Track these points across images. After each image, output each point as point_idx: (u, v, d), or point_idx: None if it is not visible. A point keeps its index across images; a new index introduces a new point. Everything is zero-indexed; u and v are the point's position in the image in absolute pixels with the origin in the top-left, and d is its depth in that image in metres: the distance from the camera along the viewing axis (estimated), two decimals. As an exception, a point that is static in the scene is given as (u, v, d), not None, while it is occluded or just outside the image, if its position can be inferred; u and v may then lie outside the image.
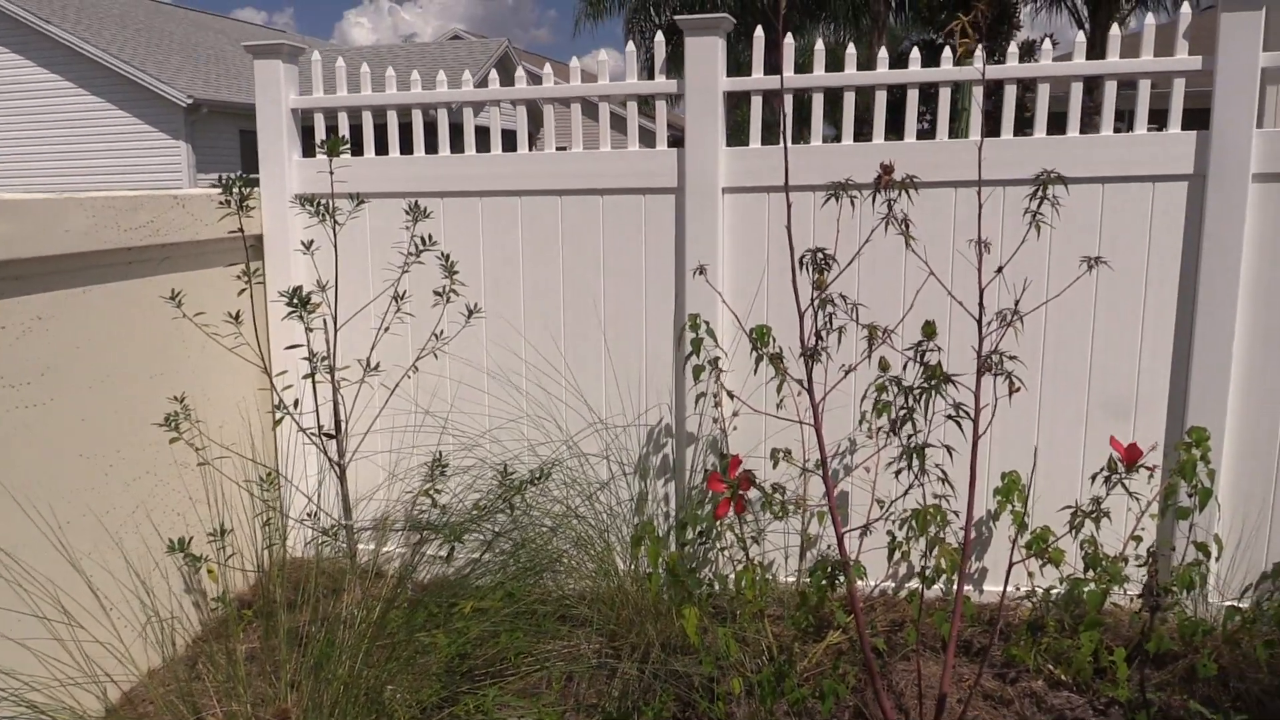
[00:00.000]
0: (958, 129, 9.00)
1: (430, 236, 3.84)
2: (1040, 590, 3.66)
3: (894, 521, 3.63)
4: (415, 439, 4.35)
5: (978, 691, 3.49)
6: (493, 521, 3.86)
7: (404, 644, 3.27)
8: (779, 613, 3.78)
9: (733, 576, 3.72)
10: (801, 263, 2.66)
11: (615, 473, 4.20)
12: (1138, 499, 2.82)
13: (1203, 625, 3.35)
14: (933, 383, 2.60)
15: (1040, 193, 2.85)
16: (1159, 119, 3.87)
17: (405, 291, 4.10)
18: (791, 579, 3.98)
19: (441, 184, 4.28)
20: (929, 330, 2.83)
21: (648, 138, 4.29)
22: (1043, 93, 3.82)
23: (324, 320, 3.78)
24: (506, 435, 4.32)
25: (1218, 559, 3.64)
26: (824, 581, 3.16)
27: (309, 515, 4.12)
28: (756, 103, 4.07)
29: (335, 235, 3.79)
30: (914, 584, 3.85)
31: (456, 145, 4.38)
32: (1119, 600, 3.72)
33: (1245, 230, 3.62)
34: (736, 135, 4.10)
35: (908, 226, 2.88)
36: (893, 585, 4.02)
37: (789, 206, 2.90)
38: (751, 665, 3.44)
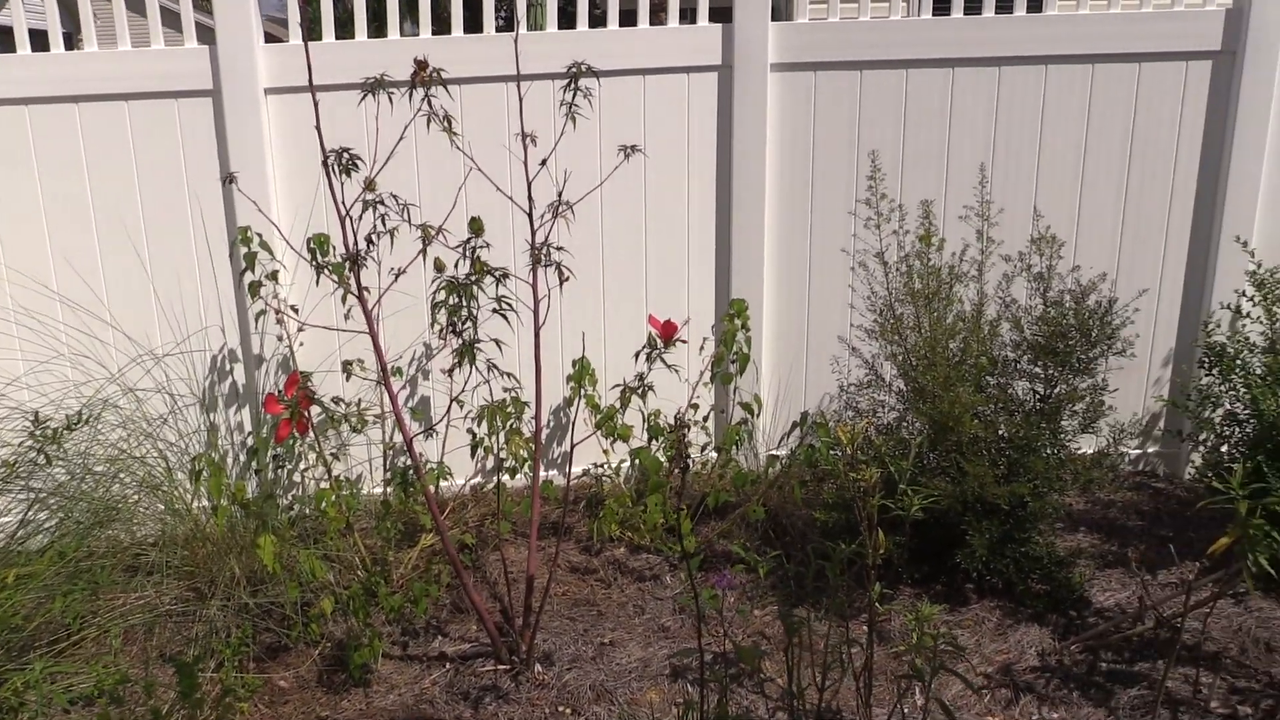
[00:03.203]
0: (533, 22, 9.05)
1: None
2: (613, 465, 3.89)
3: (474, 420, 3.67)
4: (-78, 395, 3.75)
5: (565, 566, 3.68)
6: (41, 477, 3.44)
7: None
8: (372, 525, 3.73)
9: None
10: (326, 164, 2.55)
11: (181, 406, 3.88)
12: (677, 371, 3.05)
13: (751, 475, 3.75)
14: (473, 278, 2.62)
15: (573, 84, 2.91)
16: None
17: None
18: (379, 490, 3.94)
19: (-82, 93, 3.63)
20: (476, 226, 2.84)
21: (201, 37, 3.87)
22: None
23: None
24: (44, 379, 3.84)
25: (759, 415, 4.06)
26: (402, 488, 3.15)
27: None
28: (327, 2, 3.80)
29: None
30: (504, 477, 3.95)
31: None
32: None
33: (767, 116, 3.96)
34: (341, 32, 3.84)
35: (450, 123, 2.84)
36: (482, 480, 4.10)
37: (315, 105, 2.74)
38: (345, 582, 3.38)
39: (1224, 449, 3.68)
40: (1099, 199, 4.05)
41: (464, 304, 2.71)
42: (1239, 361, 3.66)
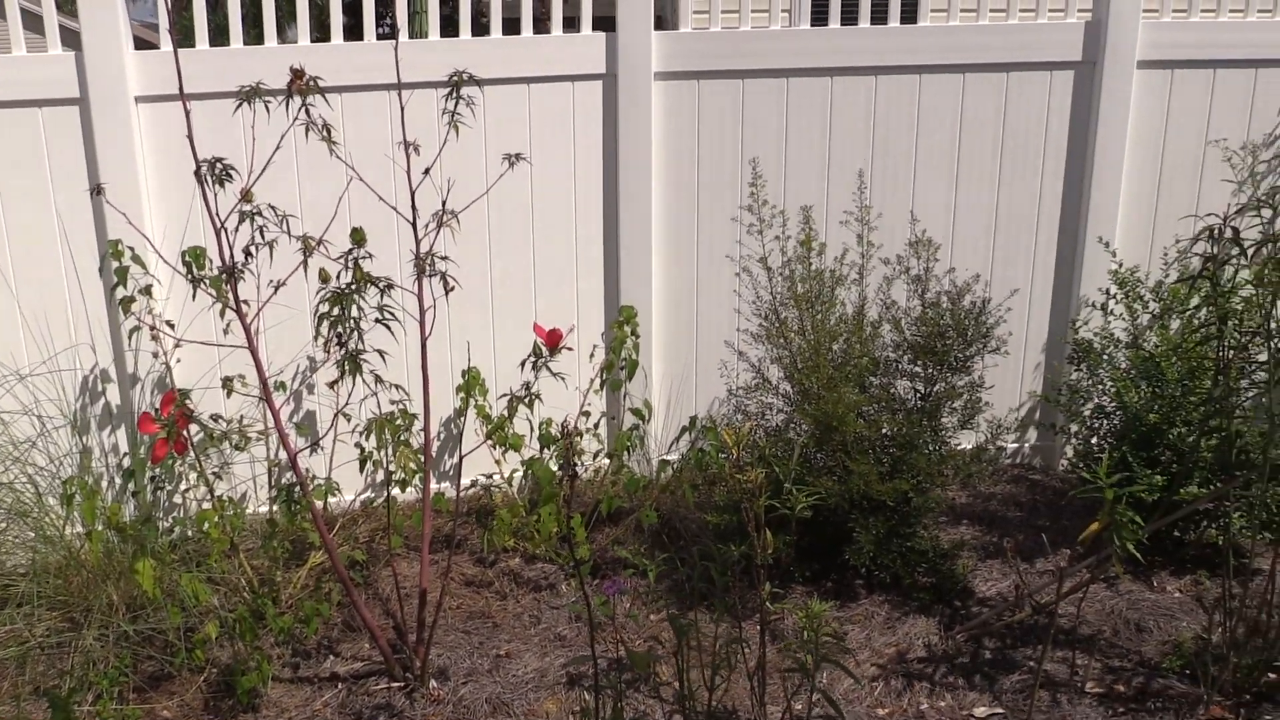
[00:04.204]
0: (416, 30, 8.94)
1: None
2: (505, 475, 3.87)
3: (362, 433, 3.61)
4: None
5: (459, 579, 3.64)
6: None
7: None
8: (258, 545, 3.63)
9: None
10: (199, 175, 2.48)
11: (51, 428, 3.71)
12: (563, 379, 3.06)
13: (643, 481, 3.77)
14: (353, 288, 2.58)
15: (455, 93, 2.89)
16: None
17: None
18: (265, 508, 3.83)
19: None
20: (358, 237, 2.80)
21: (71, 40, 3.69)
22: (463, -7, 3.86)
23: None
24: (-102, 404, 3.63)
25: (649, 421, 4.09)
26: (288, 506, 3.07)
27: None
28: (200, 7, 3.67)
29: None
30: (394, 491, 3.88)
31: None
32: (578, 472, 4.05)
33: (652, 124, 3.99)
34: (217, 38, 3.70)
35: (330, 132, 2.79)
36: (372, 495, 4.03)
37: (187, 114, 2.67)
38: (231, 605, 3.28)
39: (1094, 441, 3.85)
40: (972, 203, 4.20)
41: (347, 314, 2.67)
42: (1105, 357, 3.83)
